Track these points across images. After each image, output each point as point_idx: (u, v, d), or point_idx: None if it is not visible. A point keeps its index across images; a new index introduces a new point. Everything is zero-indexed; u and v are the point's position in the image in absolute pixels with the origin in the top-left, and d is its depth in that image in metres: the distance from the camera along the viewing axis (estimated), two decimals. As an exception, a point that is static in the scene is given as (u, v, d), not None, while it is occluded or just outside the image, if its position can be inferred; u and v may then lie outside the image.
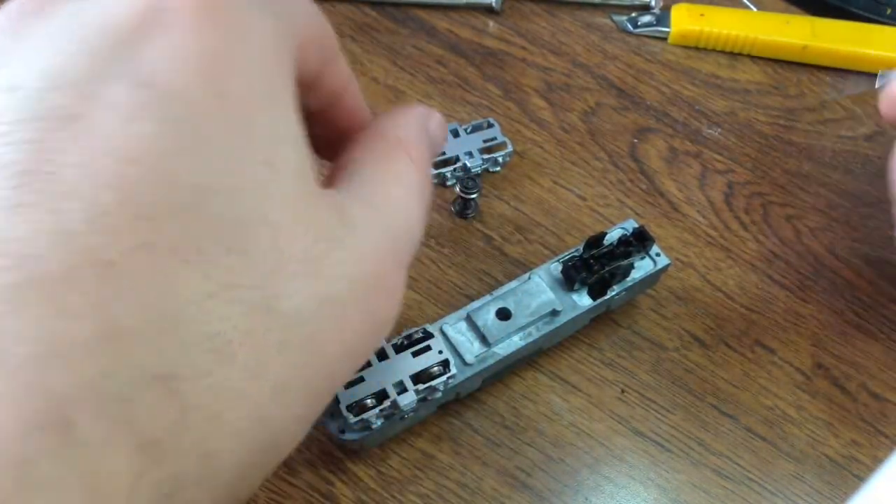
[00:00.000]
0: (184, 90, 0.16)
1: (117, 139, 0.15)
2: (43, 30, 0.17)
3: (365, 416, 0.26)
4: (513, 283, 0.30)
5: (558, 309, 0.30)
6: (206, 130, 0.16)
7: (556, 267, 0.31)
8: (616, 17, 0.46)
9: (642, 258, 0.32)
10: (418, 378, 0.27)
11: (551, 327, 0.30)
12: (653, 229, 0.37)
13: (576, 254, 0.31)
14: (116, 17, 0.17)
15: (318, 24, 0.22)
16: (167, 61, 0.16)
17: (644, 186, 0.39)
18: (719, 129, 0.42)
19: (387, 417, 0.27)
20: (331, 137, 0.26)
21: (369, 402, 0.26)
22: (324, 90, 0.23)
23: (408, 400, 0.26)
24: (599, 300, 0.31)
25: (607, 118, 0.42)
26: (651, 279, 0.32)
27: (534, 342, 0.30)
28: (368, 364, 0.26)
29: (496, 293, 0.30)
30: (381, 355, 0.27)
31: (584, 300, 0.31)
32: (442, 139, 0.26)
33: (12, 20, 0.18)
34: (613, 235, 0.32)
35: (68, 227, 0.14)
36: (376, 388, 0.26)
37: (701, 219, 0.38)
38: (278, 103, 0.18)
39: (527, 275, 0.31)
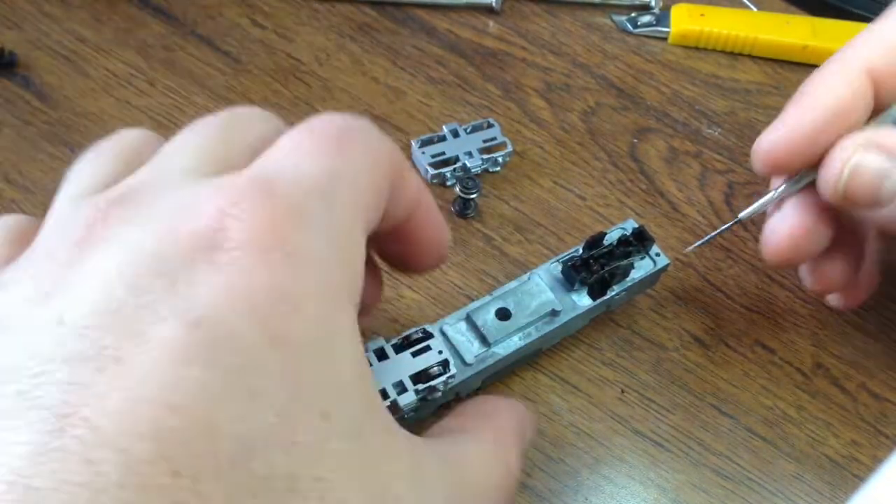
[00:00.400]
0: (235, 334, 0.15)
1: (159, 385, 0.14)
2: (98, 257, 0.16)
3: None
4: (513, 283, 0.30)
5: (558, 309, 0.30)
6: (256, 379, 0.15)
7: (555, 267, 0.31)
8: (616, 17, 0.46)
9: (642, 258, 0.32)
10: (418, 378, 0.27)
11: (551, 327, 0.30)
12: (653, 229, 0.37)
13: (576, 254, 0.31)
14: (171, 249, 0.16)
15: (382, 174, 0.20)
16: (219, 301, 0.15)
17: (644, 186, 0.39)
18: (719, 129, 0.42)
19: None
20: (404, 253, 0.24)
21: None
22: (392, 214, 0.22)
23: (408, 400, 0.26)
24: (599, 300, 0.31)
25: (607, 118, 0.42)
26: (651, 279, 0.32)
27: (533, 342, 0.30)
28: (368, 364, 0.26)
29: (496, 293, 0.30)
30: (381, 355, 0.27)
31: (583, 300, 0.31)
32: (529, 439, 0.26)
33: (69, 244, 0.17)
34: (613, 235, 0.32)
35: (98, 482, 0.13)
36: (376, 388, 0.26)
37: (701, 219, 0.38)
38: (340, 345, 0.17)
39: (527, 275, 0.31)
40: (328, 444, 0.16)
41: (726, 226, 0.33)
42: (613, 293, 0.31)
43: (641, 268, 0.32)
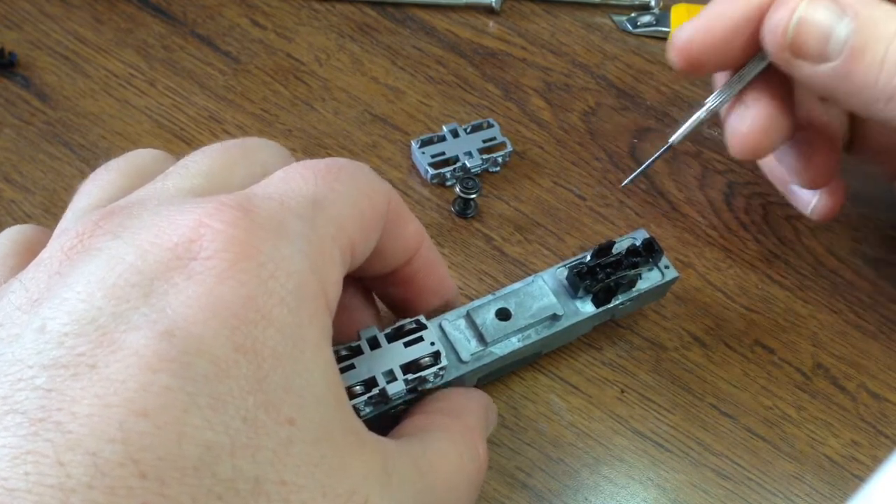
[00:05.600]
0: (203, 342, 0.16)
1: (130, 390, 0.15)
2: (81, 268, 0.17)
3: (353, 402, 0.26)
4: (516, 285, 0.30)
5: (559, 314, 0.30)
6: (223, 387, 0.16)
7: (561, 272, 0.31)
8: (616, 17, 0.46)
9: (650, 269, 0.32)
10: (408, 368, 0.27)
11: (551, 331, 0.30)
12: (652, 229, 0.37)
13: (583, 260, 0.31)
14: (149, 261, 0.17)
15: (370, 206, 0.21)
16: (190, 310, 0.16)
17: (644, 186, 0.39)
18: (719, 130, 0.42)
19: (375, 405, 0.26)
20: (404, 297, 0.26)
21: (358, 389, 0.26)
22: (389, 256, 0.23)
23: (396, 389, 0.26)
24: (602, 308, 0.31)
25: (607, 118, 0.42)
26: (658, 291, 0.32)
27: (532, 345, 0.30)
28: (360, 352, 0.26)
29: (498, 293, 0.30)
30: (374, 344, 0.27)
31: (587, 307, 0.31)
32: (493, 427, 0.27)
33: (60, 254, 0.18)
34: (623, 245, 0.31)
35: (68, 484, 0.14)
36: (366, 376, 0.26)
37: (701, 219, 0.38)
38: (309, 352, 0.17)
39: (531, 277, 0.31)
40: (293, 449, 0.16)
41: (658, 153, 0.33)
42: (618, 302, 0.31)
43: (649, 279, 0.32)
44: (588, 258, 0.31)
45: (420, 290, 0.26)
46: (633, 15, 0.46)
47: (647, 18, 0.46)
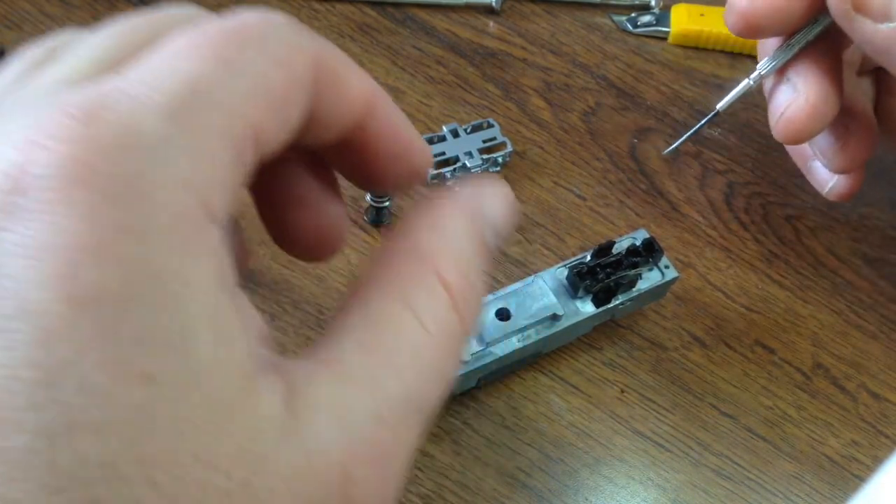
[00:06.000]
0: (28, 302, 0.13)
1: None
2: None
3: None
4: (517, 285, 0.30)
5: (559, 314, 0.30)
6: (52, 352, 0.13)
7: (562, 272, 0.31)
8: (616, 17, 0.46)
9: (650, 269, 0.32)
10: None
11: (551, 331, 0.30)
12: (652, 229, 0.37)
13: (584, 260, 0.31)
14: None
15: (285, 76, 0.16)
16: (12, 262, 0.13)
17: (644, 186, 0.39)
18: (719, 129, 0.42)
19: None
20: (365, 168, 0.20)
21: None
22: (329, 124, 0.18)
23: None
24: (602, 308, 0.31)
25: (607, 118, 0.42)
26: (658, 291, 0.32)
27: (532, 345, 0.30)
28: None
29: (498, 293, 0.30)
30: None
31: (587, 307, 0.31)
32: (508, 220, 0.19)
33: None
34: (623, 245, 0.31)
35: None
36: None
37: (701, 219, 0.38)
38: (172, 287, 0.14)
39: (531, 277, 0.31)
40: (153, 413, 0.13)
41: (705, 119, 0.33)
42: (618, 302, 0.31)
43: (648, 279, 0.32)
44: (588, 258, 0.31)
45: (381, 156, 0.20)
46: (633, 15, 0.46)
47: (647, 18, 0.46)
